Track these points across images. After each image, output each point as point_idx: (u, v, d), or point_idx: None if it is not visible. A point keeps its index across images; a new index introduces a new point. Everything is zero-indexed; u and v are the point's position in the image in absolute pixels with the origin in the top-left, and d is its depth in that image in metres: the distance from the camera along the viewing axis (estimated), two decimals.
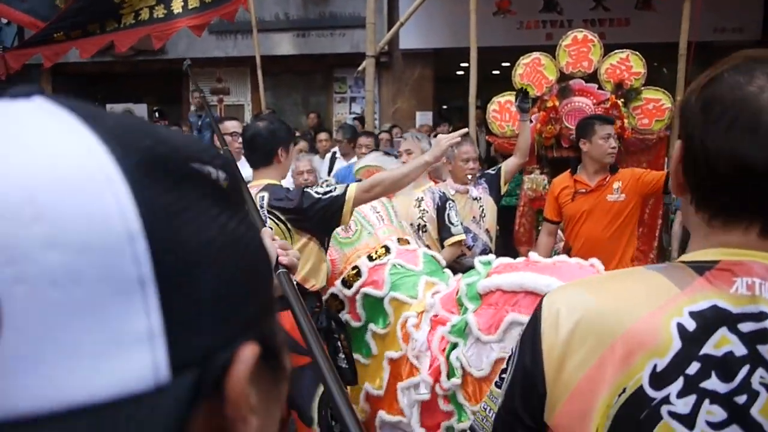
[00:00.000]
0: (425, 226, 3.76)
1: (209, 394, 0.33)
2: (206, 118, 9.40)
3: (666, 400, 0.75)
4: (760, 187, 0.76)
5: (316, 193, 2.83)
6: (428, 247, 3.66)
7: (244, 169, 3.57)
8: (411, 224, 3.75)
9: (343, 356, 3.08)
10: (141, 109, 10.41)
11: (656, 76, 7.09)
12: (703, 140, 0.78)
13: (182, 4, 5.64)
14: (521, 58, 4.85)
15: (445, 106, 12.86)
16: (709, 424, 0.73)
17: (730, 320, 0.75)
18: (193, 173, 0.35)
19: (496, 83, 5.78)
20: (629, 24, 8.89)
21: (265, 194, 2.86)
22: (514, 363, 0.87)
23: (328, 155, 6.70)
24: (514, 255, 3.20)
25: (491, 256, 3.25)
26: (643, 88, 4.67)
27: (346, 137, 6.10)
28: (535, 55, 4.83)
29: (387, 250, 3.33)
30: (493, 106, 4.91)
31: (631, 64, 4.64)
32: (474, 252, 4.17)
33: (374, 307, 3.23)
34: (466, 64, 5.50)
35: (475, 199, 4.20)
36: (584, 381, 0.78)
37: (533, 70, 4.78)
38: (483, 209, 4.19)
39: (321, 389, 3.02)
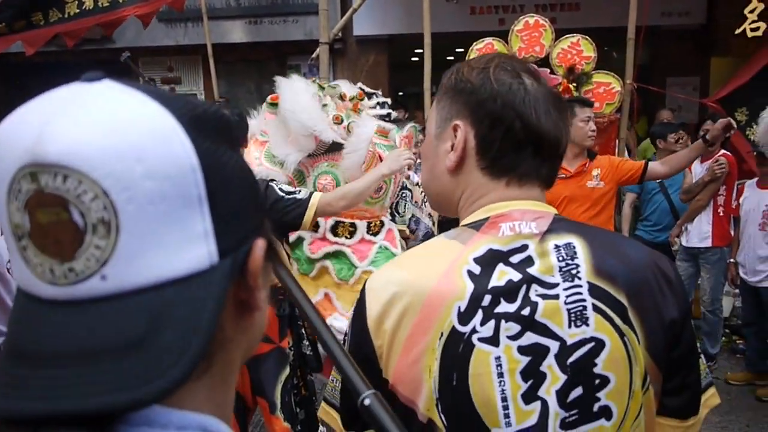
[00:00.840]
0: None
1: (239, 273, 0.51)
2: None
3: (474, 330, 0.93)
4: (540, 154, 1.02)
5: (280, 190, 2.76)
6: None
7: None
8: None
9: (308, 343, 3.08)
10: None
11: (606, 60, 7.20)
12: (519, 113, 1.00)
13: None
14: (474, 43, 4.88)
15: (401, 93, 12.85)
16: (509, 337, 0.93)
17: (504, 257, 0.96)
18: (215, 126, 0.51)
19: None
20: (579, 9, 9.00)
21: None
22: (349, 337, 1.04)
23: None
24: None
25: None
26: (593, 72, 4.75)
27: None
28: (488, 40, 4.86)
29: (381, 225, 3.37)
30: None
31: (581, 49, 4.71)
32: (417, 236, 4.25)
33: (343, 262, 3.28)
34: (421, 51, 5.49)
35: (417, 184, 4.26)
36: (410, 338, 0.95)
37: None
38: (424, 194, 4.26)
39: (284, 375, 3.02)
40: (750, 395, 4.55)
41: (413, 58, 10.12)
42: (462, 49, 5.01)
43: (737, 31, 5.13)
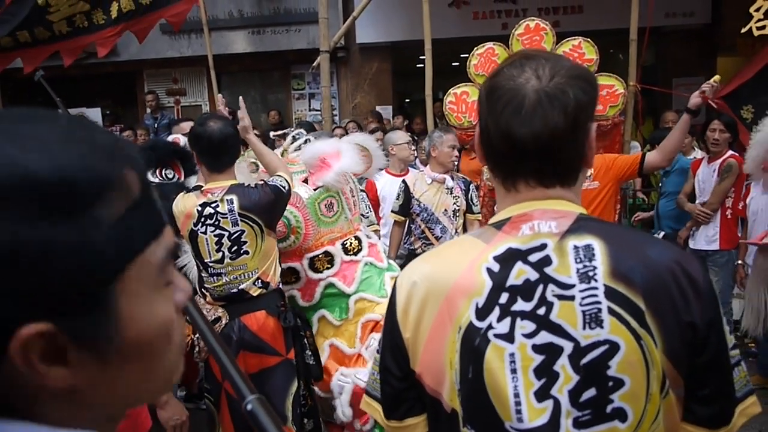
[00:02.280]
0: None
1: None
2: (163, 120, 9.21)
3: (490, 326, 0.97)
4: (526, 155, 1.00)
5: (282, 184, 2.91)
6: None
7: None
8: None
9: (310, 353, 3.06)
10: (95, 113, 10.17)
11: (611, 62, 7.15)
12: (487, 121, 1.03)
13: (117, 8, 5.47)
14: (475, 48, 4.86)
15: (407, 100, 12.85)
16: (524, 335, 0.96)
17: (522, 255, 0.98)
18: (18, 195, 0.47)
19: (456, 75, 5.77)
20: (583, 11, 8.98)
21: (234, 197, 2.80)
22: (383, 329, 1.10)
23: None
24: None
25: None
26: (596, 74, 4.71)
27: None
28: (489, 45, 4.83)
29: (359, 242, 3.33)
30: (449, 98, 4.90)
31: (583, 51, 4.67)
32: (441, 243, 4.21)
33: (334, 297, 3.23)
34: (425, 57, 5.47)
35: (449, 189, 4.22)
36: (433, 330, 1.01)
37: (487, 60, 4.79)
38: (457, 208, 4.23)
39: (294, 387, 3.00)
40: (762, 399, 4.46)
41: (419, 65, 10.11)
42: (466, 55, 4.98)
43: (743, 30, 5.07)
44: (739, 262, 4.69)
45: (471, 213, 4.36)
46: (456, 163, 4.29)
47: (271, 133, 3.72)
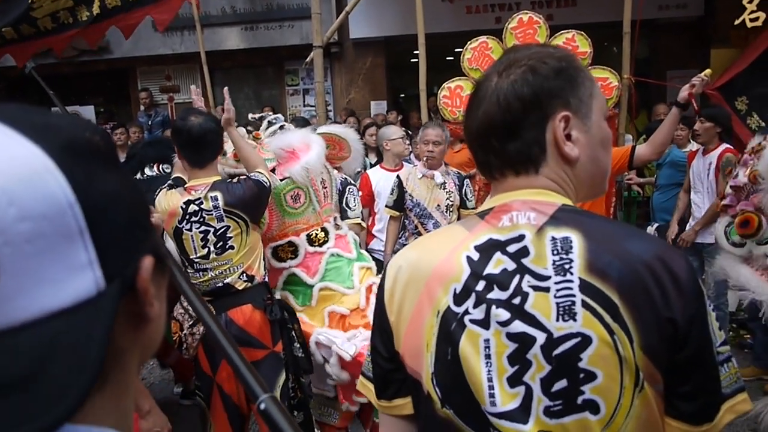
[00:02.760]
0: None
1: (128, 292, 0.53)
2: (156, 117, 9.17)
3: (466, 312, 1.00)
4: (474, 149, 1.10)
5: (264, 180, 2.92)
6: None
7: None
8: None
9: (299, 345, 3.05)
10: (88, 111, 10.13)
11: (605, 55, 7.14)
12: (466, 116, 1.10)
13: (99, 5, 5.42)
14: (469, 42, 4.84)
15: (402, 95, 12.82)
16: (499, 323, 0.98)
17: (502, 246, 1.01)
18: (87, 150, 0.52)
19: (450, 69, 5.75)
20: (576, 4, 8.97)
21: (218, 194, 2.80)
22: (374, 313, 1.16)
23: None
24: None
25: None
26: (589, 67, 4.70)
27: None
28: (483, 38, 4.82)
29: (326, 234, 3.33)
30: (443, 92, 4.88)
31: (577, 44, 4.66)
32: None
33: (297, 286, 3.28)
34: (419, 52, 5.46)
35: (440, 185, 4.18)
36: (414, 313, 1.06)
37: (481, 54, 4.77)
38: (450, 203, 4.19)
39: (281, 380, 2.99)
40: (758, 391, 4.48)
41: (413, 60, 10.09)
42: (460, 49, 4.96)
43: (737, 22, 5.07)
44: None
45: (465, 208, 4.31)
46: (426, 157, 4.24)
47: (250, 115, 3.71)
